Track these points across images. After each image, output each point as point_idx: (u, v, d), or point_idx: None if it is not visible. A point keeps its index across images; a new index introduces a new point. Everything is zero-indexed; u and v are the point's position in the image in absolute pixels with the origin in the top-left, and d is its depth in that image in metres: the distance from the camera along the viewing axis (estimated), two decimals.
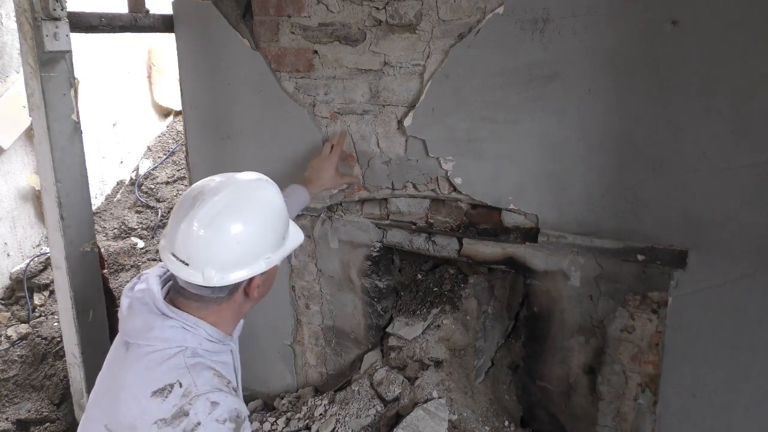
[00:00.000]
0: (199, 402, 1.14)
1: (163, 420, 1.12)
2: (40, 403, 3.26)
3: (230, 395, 1.19)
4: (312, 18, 2.13)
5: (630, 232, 1.76)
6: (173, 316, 1.25)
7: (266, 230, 1.27)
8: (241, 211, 1.24)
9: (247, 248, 1.24)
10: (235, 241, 1.22)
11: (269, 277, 1.33)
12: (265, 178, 1.36)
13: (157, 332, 1.23)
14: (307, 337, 2.56)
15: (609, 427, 1.94)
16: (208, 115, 2.52)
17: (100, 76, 4.54)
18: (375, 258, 2.29)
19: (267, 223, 1.28)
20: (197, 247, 1.21)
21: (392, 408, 2.07)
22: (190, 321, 1.25)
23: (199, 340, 1.25)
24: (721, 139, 1.58)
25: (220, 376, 1.23)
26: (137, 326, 1.26)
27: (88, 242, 2.36)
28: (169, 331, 1.23)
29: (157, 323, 1.24)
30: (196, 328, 1.25)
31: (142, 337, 1.24)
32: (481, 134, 1.92)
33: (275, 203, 1.31)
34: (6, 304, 3.90)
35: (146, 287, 1.30)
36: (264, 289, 1.34)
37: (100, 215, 4.58)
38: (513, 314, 2.28)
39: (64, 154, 2.22)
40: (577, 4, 1.68)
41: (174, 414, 1.13)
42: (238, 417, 1.17)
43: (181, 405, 1.14)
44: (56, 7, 2.06)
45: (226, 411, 1.16)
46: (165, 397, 1.15)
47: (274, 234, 1.29)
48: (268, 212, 1.29)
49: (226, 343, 1.33)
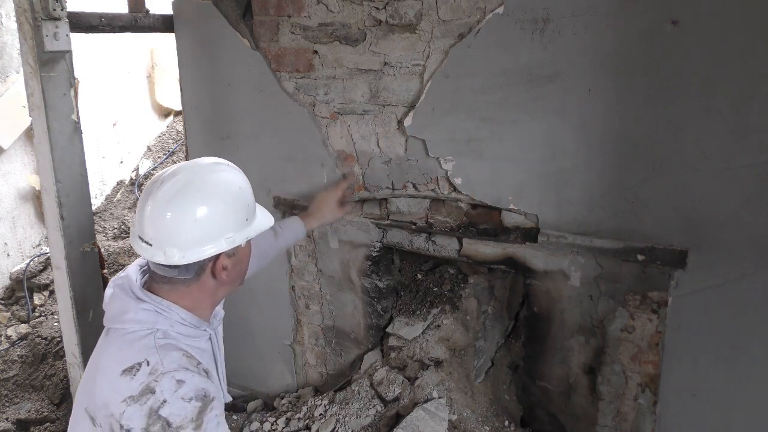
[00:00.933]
0: (164, 380, 1.17)
1: (131, 397, 1.16)
2: (40, 403, 3.26)
3: (198, 375, 1.22)
4: (312, 18, 2.13)
5: (630, 232, 1.76)
6: (147, 300, 1.29)
7: (226, 210, 1.30)
8: (199, 190, 1.28)
9: (207, 227, 1.27)
10: (193, 219, 1.25)
11: (238, 261, 1.35)
12: (227, 162, 1.40)
13: (131, 315, 1.27)
14: (307, 337, 2.56)
15: (609, 427, 1.94)
16: (208, 115, 2.52)
17: (100, 76, 4.54)
18: (375, 258, 2.29)
19: (226, 202, 1.30)
20: (158, 227, 1.25)
21: (392, 408, 2.07)
22: (163, 305, 1.29)
23: (171, 323, 1.29)
24: (721, 139, 1.58)
25: (189, 357, 1.25)
26: (115, 311, 1.31)
27: (88, 242, 2.35)
28: (142, 314, 1.27)
29: (131, 306, 1.28)
30: (169, 311, 1.29)
31: (118, 321, 1.29)
32: (481, 134, 1.92)
33: (235, 184, 1.35)
34: (6, 304, 3.90)
35: (125, 275, 1.35)
36: (235, 273, 1.36)
37: (100, 215, 4.58)
38: (513, 314, 2.28)
39: (64, 154, 2.22)
40: (577, 4, 1.68)
41: (141, 391, 1.16)
42: (205, 396, 1.19)
43: (147, 382, 1.17)
44: (56, 7, 2.06)
45: (192, 389, 1.18)
46: (133, 375, 1.18)
47: (234, 214, 1.32)
48: (226, 192, 1.32)
49: (203, 328, 1.35)
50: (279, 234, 1.95)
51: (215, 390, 1.24)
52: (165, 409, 1.14)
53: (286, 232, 1.97)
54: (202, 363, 1.27)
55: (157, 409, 1.14)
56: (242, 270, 1.39)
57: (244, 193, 1.35)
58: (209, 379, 1.25)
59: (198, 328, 1.33)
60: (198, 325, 1.33)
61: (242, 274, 1.40)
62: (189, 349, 1.28)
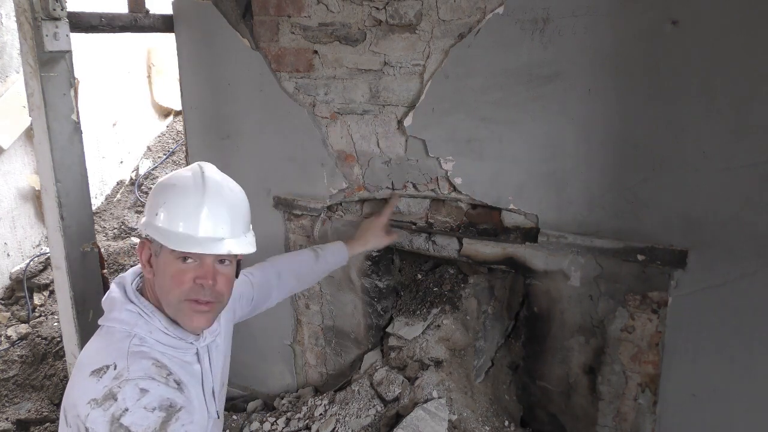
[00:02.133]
0: (127, 387, 1.15)
1: (95, 400, 1.13)
2: (40, 403, 3.26)
3: (164, 385, 1.19)
4: (312, 18, 2.13)
5: (630, 232, 1.76)
6: (134, 301, 1.28)
7: (156, 202, 1.33)
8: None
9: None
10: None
11: (159, 271, 1.28)
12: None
13: (116, 313, 1.27)
14: (307, 337, 2.56)
15: (609, 427, 1.94)
16: (208, 115, 2.52)
17: (100, 76, 4.54)
18: (375, 258, 2.29)
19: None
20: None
21: (392, 408, 2.07)
22: (148, 309, 1.28)
23: (151, 328, 1.26)
24: (721, 139, 1.58)
25: (160, 366, 1.22)
26: (106, 308, 1.31)
27: (88, 242, 2.35)
28: (125, 314, 1.26)
29: (117, 305, 1.28)
30: (152, 317, 1.27)
31: (105, 318, 1.29)
32: (481, 134, 1.92)
33: None
34: (6, 304, 3.90)
35: (124, 274, 1.35)
36: (157, 283, 1.30)
37: (100, 215, 4.58)
38: (513, 314, 2.28)
39: (64, 154, 2.22)
40: (577, 4, 1.68)
41: (104, 395, 1.13)
42: (170, 407, 1.16)
43: (111, 387, 1.14)
44: (56, 7, 2.06)
45: (156, 399, 1.15)
46: (100, 378, 1.16)
47: (148, 209, 1.36)
48: None
49: (189, 341, 1.32)
50: (320, 257, 1.89)
51: (184, 401, 1.20)
52: (126, 418, 1.11)
53: (327, 256, 1.92)
54: (173, 373, 1.24)
55: (119, 417, 1.11)
56: (161, 286, 1.28)
57: None
58: (180, 390, 1.22)
59: (182, 340, 1.30)
60: (182, 337, 1.30)
61: (163, 292, 1.28)
62: (165, 359, 1.25)
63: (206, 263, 1.26)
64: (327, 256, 1.92)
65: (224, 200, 1.29)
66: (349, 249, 1.99)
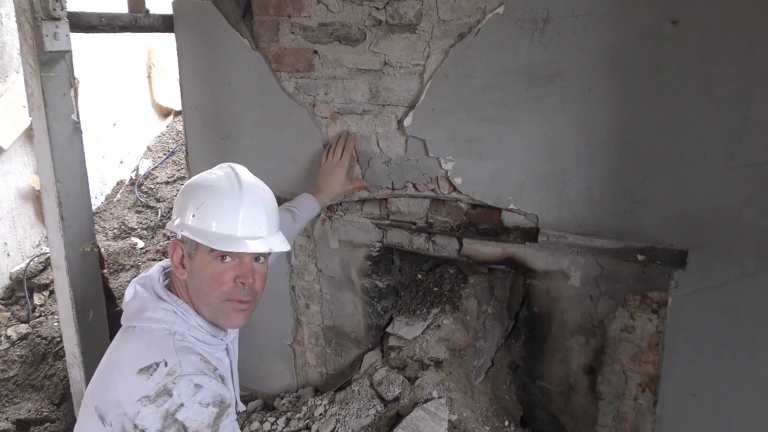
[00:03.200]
0: (182, 382, 1.15)
1: (147, 397, 1.13)
2: (40, 403, 3.26)
3: (215, 381, 1.20)
4: (312, 18, 2.13)
5: (630, 232, 1.76)
6: (167, 300, 1.28)
7: (186, 201, 1.35)
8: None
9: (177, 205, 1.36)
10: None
11: (194, 272, 1.31)
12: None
13: (150, 313, 1.26)
14: (307, 337, 2.56)
15: (609, 427, 1.94)
16: (208, 115, 2.52)
17: (100, 76, 4.54)
18: (375, 258, 2.29)
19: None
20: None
21: (392, 408, 2.07)
22: (182, 307, 1.28)
23: (188, 326, 1.27)
24: (721, 139, 1.58)
25: (206, 362, 1.24)
26: (135, 309, 1.29)
27: (88, 242, 2.35)
28: (161, 313, 1.26)
29: (150, 305, 1.28)
30: (187, 315, 1.28)
31: (136, 319, 1.28)
32: (481, 134, 1.92)
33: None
34: (6, 304, 3.90)
35: (149, 275, 1.35)
36: (193, 286, 1.34)
37: (100, 215, 4.58)
38: (513, 314, 2.28)
39: (64, 154, 2.22)
40: (577, 4, 1.68)
41: (158, 392, 1.14)
42: (222, 402, 1.17)
43: (164, 383, 1.15)
44: (56, 7, 2.06)
45: (210, 395, 1.16)
46: (150, 375, 1.16)
47: (179, 208, 1.38)
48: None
49: (220, 338, 1.34)
50: (297, 216, 1.90)
51: (231, 397, 1.22)
52: (182, 413, 1.12)
53: (303, 211, 1.93)
54: (218, 369, 1.25)
55: (174, 413, 1.11)
56: (199, 287, 1.29)
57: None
58: (225, 385, 1.24)
59: (215, 337, 1.32)
60: (215, 334, 1.32)
61: (201, 293, 1.30)
62: (206, 355, 1.26)
63: (245, 262, 1.29)
64: (303, 213, 1.94)
65: (260, 200, 1.33)
66: (319, 199, 2.01)
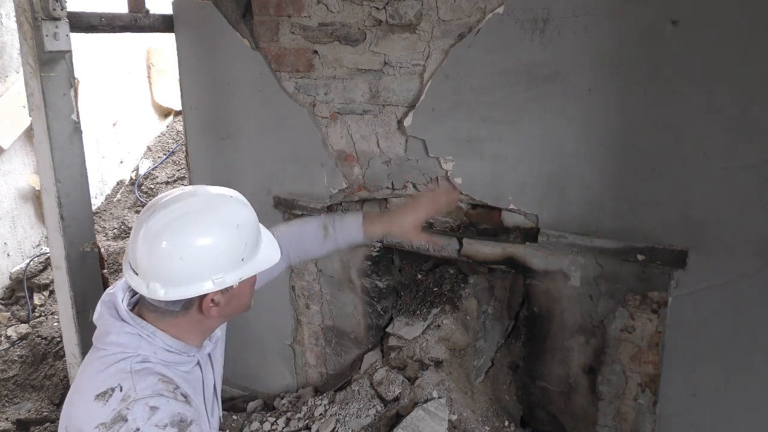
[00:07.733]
0: (137, 407, 1.13)
1: (103, 424, 1.11)
2: (40, 403, 3.27)
3: (173, 400, 1.17)
4: (312, 18, 2.13)
5: (630, 232, 1.76)
6: (131, 323, 1.24)
7: (218, 249, 1.19)
8: (189, 226, 1.17)
9: (193, 266, 1.17)
10: (178, 257, 1.15)
11: (234, 297, 1.25)
12: (230, 195, 1.27)
13: (113, 337, 1.23)
14: (307, 337, 2.56)
15: (609, 427, 1.94)
16: (208, 115, 2.52)
17: (100, 76, 4.54)
18: (375, 258, 2.29)
19: (219, 242, 1.19)
20: (143, 258, 1.18)
21: (392, 408, 2.07)
22: (147, 330, 1.24)
23: (155, 349, 1.24)
24: (721, 139, 1.58)
25: (166, 381, 1.20)
26: (100, 330, 1.26)
27: (88, 242, 2.35)
28: (125, 337, 1.23)
29: (114, 328, 1.24)
30: (153, 337, 1.24)
31: (100, 341, 1.25)
32: (481, 134, 1.92)
33: (232, 222, 1.22)
34: (6, 304, 3.90)
35: (113, 292, 1.29)
36: (229, 309, 1.27)
37: (100, 215, 4.58)
38: (513, 314, 2.28)
39: (64, 154, 2.22)
40: (577, 4, 1.68)
41: (113, 418, 1.12)
42: (181, 421, 1.14)
43: (119, 409, 1.12)
44: (56, 7, 2.06)
45: (168, 415, 1.14)
46: (106, 401, 1.14)
47: (227, 254, 1.21)
48: (222, 230, 1.20)
49: (191, 354, 1.30)
50: (329, 236, 1.66)
51: (193, 414, 1.19)
52: None
53: (338, 235, 1.65)
54: (180, 387, 1.22)
55: None
56: (240, 305, 1.29)
57: (242, 231, 1.23)
58: (188, 403, 1.21)
59: (185, 354, 1.28)
60: (186, 351, 1.28)
61: (241, 308, 1.31)
62: (169, 373, 1.23)
63: None
64: (337, 236, 1.66)
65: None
66: (367, 229, 1.66)
